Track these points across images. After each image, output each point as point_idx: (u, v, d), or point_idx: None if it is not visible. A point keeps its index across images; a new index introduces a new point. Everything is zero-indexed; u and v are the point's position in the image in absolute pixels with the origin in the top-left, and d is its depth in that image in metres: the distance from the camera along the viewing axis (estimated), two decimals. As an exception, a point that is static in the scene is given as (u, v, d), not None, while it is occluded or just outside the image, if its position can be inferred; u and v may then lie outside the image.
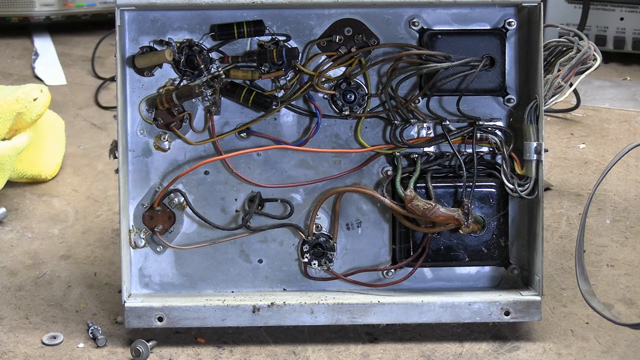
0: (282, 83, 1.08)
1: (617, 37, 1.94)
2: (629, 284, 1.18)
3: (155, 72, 1.08)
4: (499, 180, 1.06)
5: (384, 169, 1.10)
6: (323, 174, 1.10)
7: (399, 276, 1.10)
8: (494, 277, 1.11)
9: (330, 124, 1.09)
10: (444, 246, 1.07)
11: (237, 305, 1.05)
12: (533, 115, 1.05)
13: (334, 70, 1.08)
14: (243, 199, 1.10)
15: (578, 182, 1.45)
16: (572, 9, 1.96)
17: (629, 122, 1.68)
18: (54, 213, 1.37)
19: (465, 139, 1.08)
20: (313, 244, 1.10)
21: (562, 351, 1.05)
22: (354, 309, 1.05)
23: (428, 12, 1.07)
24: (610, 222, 1.32)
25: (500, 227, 1.07)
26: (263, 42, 1.07)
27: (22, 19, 2.10)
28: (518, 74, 1.08)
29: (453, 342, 1.07)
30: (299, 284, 1.11)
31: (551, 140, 1.59)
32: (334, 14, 1.07)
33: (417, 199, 1.04)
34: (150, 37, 1.07)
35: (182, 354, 1.05)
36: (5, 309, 1.13)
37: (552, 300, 1.14)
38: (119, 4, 1.03)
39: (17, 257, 1.25)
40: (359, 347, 1.06)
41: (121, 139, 1.05)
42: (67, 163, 1.52)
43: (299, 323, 1.06)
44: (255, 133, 1.09)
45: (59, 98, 1.76)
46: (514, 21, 1.07)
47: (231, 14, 1.07)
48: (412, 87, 1.08)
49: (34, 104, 1.36)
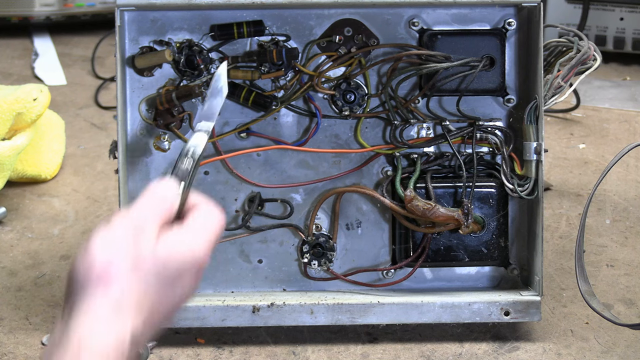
0: (282, 83, 1.08)
1: (617, 37, 1.94)
2: (628, 284, 1.18)
3: (155, 72, 1.08)
4: (499, 180, 1.06)
5: (383, 169, 1.10)
6: (323, 174, 1.10)
7: (398, 276, 1.10)
8: (493, 277, 1.11)
9: (330, 124, 1.09)
10: (443, 246, 1.07)
11: (237, 306, 1.05)
12: (533, 115, 1.05)
13: (334, 71, 1.08)
14: (243, 199, 1.10)
15: (578, 182, 1.45)
16: (572, 9, 1.96)
17: (629, 122, 1.68)
18: (54, 213, 1.37)
19: (465, 139, 1.08)
20: (313, 244, 1.10)
21: (562, 351, 1.05)
22: (354, 309, 1.05)
23: (428, 12, 1.07)
24: (610, 222, 1.32)
25: (500, 227, 1.07)
26: (263, 42, 1.07)
27: (22, 19, 2.09)
28: (518, 74, 1.08)
29: (453, 342, 1.07)
30: (298, 284, 1.11)
31: (551, 140, 1.59)
32: (334, 14, 1.07)
33: (417, 199, 1.04)
34: (150, 37, 1.07)
35: (182, 354, 1.05)
36: (5, 309, 1.13)
37: (552, 301, 1.14)
38: (119, 4, 1.03)
39: (17, 257, 1.25)
40: (359, 347, 1.06)
41: (121, 139, 1.05)
42: (67, 163, 1.52)
43: (299, 323, 1.06)
44: (255, 133, 1.09)
45: (59, 98, 1.76)
46: (514, 21, 1.07)
47: (231, 14, 1.07)
48: (412, 87, 1.08)
49: (34, 104, 1.36)
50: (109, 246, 0.75)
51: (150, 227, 0.77)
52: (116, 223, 0.77)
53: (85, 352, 0.69)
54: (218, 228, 0.80)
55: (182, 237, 0.78)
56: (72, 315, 0.72)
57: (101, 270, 0.73)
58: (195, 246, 0.78)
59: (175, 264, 0.77)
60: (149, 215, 0.78)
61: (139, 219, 0.77)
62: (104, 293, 0.73)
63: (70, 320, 0.72)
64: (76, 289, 0.74)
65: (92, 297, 0.73)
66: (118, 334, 0.71)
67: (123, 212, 0.78)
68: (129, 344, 0.72)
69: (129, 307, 0.73)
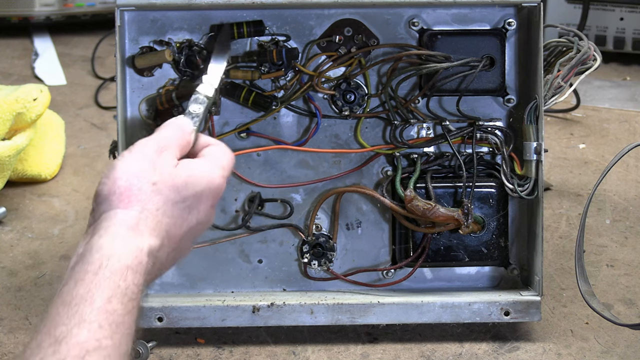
0: (282, 83, 1.08)
1: (617, 37, 1.94)
2: (628, 284, 1.18)
3: (155, 72, 1.08)
4: (499, 180, 1.06)
5: (383, 169, 1.10)
6: (323, 174, 1.10)
7: (398, 276, 1.10)
8: (493, 277, 1.11)
9: (330, 124, 1.09)
10: (443, 246, 1.07)
11: (237, 306, 1.05)
12: (533, 115, 1.05)
13: (334, 71, 1.08)
14: (243, 199, 1.10)
15: (578, 182, 1.45)
16: (572, 9, 1.96)
17: (629, 122, 1.68)
18: (54, 213, 1.37)
19: (465, 139, 1.08)
20: (313, 244, 1.10)
21: (562, 351, 1.05)
22: (354, 309, 1.05)
23: (428, 12, 1.07)
24: (610, 222, 1.32)
25: (500, 227, 1.07)
26: (263, 42, 1.07)
27: (22, 19, 2.09)
28: (518, 74, 1.08)
29: (453, 343, 1.07)
30: (298, 284, 1.11)
31: (551, 140, 1.59)
32: (334, 14, 1.07)
33: (417, 199, 1.04)
34: (150, 37, 1.07)
35: (182, 354, 1.05)
36: (5, 309, 1.13)
37: (552, 301, 1.14)
38: (119, 4, 1.03)
39: (17, 257, 1.25)
40: (359, 347, 1.06)
41: (121, 139, 1.05)
42: (67, 163, 1.52)
43: (299, 323, 1.06)
44: (255, 133, 1.09)
45: (59, 98, 1.76)
46: (514, 21, 1.07)
47: (231, 14, 1.07)
48: (412, 87, 1.08)
49: (34, 104, 1.36)
50: (132, 166, 0.79)
51: (172, 151, 0.83)
52: (139, 146, 0.82)
53: (104, 269, 0.72)
54: (231, 162, 0.86)
55: (199, 163, 0.83)
56: (94, 232, 0.76)
57: (124, 190, 0.78)
58: (213, 172, 0.83)
59: (193, 187, 0.81)
60: (171, 140, 0.83)
61: (161, 142, 0.82)
62: (125, 211, 0.77)
63: (92, 236, 0.75)
64: (100, 205, 0.78)
65: (113, 215, 0.77)
66: (136, 252, 0.75)
67: (146, 138, 0.83)
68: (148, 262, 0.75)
69: (147, 225, 0.77)
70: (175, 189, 0.80)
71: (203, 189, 0.82)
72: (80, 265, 0.73)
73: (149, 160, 0.80)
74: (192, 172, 0.81)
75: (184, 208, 0.81)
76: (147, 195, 0.78)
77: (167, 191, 0.79)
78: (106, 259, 0.73)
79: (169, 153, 0.82)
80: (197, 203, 0.82)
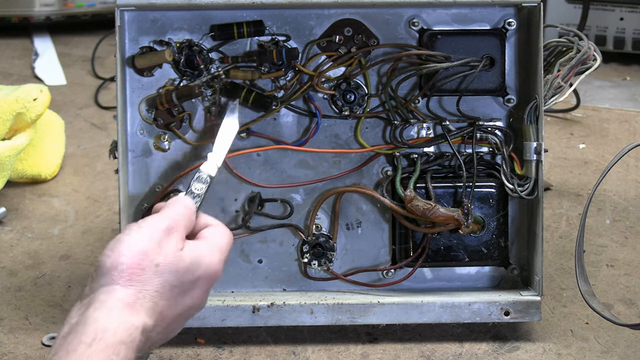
0: (282, 83, 1.08)
1: (617, 37, 1.94)
2: (628, 284, 1.18)
3: (155, 72, 1.08)
4: (499, 180, 1.06)
5: (383, 169, 1.10)
6: (323, 174, 1.10)
7: (398, 276, 1.10)
8: (493, 277, 1.11)
9: (330, 124, 1.09)
10: (443, 246, 1.07)
11: (237, 306, 1.05)
12: (533, 115, 1.05)
13: (334, 71, 1.08)
14: (243, 199, 1.10)
15: (578, 182, 1.45)
16: (572, 9, 1.96)
17: (629, 122, 1.68)
18: (54, 213, 1.37)
19: (465, 139, 1.08)
20: (313, 244, 1.10)
21: (562, 351, 1.05)
22: (354, 309, 1.05)
23: (428, 12, 1.07)
24: (610, 222, 1.32)
25: (500, 227, 1.07)
26: (263, 42, 1.07)
27: (22, 19, 2.09)
28: (518, 74, 1.08)
29: (453, 343, 1.07)
30: (298, 284, 1.11)
31: (551, 140, 1.59)
32: (334, 14, 1.07)
33: (417, 199, 1.04)
34: (150, 37, 1.07)
35: (182, 354, 1.05)
36: (5, 309, 1.13)
37: (552, 301, 1.14)
38: (119, 4, 1.03)
39: (17, 257, 1.25)
40: (359, 347, 1.06)
41: (121, 139, 1.05)
42: (67, 163, 1.52)
43: (299, 323, 1.06)
44: (255, 133, 1.09)
45: (59, 98, 1.76)
46: (514, 21, 1.07)
47: (231, 14, 1.07)
48: (412, 87, 1.08)
49: (34, 104, 1.36)
50: (138, 244, 0.80)
51: (180, 232, 0.84)
52: (149, 224, 0.82)
53: (98, 342, 0.73)
54: (230, 244, 0.88)
55: (202, 248, 0.85)
56: (90, 304, 0.76)
57: (126, 267, 0.78)
58: (213, 258, 0.85)
59: (192, 273, 0.83)
60: (180, 221, 0.85)
61: (171, 223, 0.83)
62: (124, 289, 0.77)
63: (88, 308, 0.76)
64: (100, 277, 0.79)
65: (112, 290, 0.77)
66: (131, 329, 0.76)
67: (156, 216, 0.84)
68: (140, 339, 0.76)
69: (143, 305, 0.78)
70: (176, 273, 0.81)
71: (201, 274, 0.84)
72: (73, 336, 0.73)
73: (156, 240, 0.81)
74: (196, 258, 0.83)
75: (180, 292, 0.82)
76: (148, 277, 0.79)
77: (167, 274, 0.81)
78: (101, 332, 0.73)
79: (177, 235, 0.83)
80: (193, 288, 0.84)
